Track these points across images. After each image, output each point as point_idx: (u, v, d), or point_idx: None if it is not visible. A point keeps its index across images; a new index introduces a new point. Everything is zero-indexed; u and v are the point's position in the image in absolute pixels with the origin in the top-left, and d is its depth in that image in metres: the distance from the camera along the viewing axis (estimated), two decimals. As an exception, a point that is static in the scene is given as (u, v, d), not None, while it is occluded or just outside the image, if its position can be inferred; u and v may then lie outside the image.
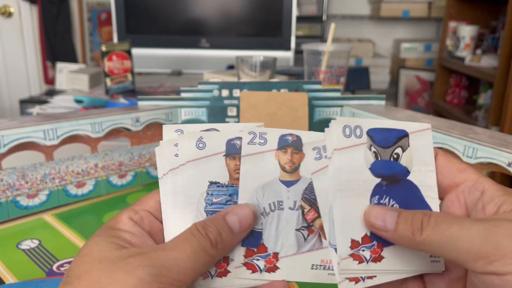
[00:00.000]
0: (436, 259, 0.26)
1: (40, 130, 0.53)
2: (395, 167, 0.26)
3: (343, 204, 0.25)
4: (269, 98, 0.57)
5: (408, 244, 0.24)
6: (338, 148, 0.25)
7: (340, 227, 0.25)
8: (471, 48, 2.01)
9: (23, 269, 0.43)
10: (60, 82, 1.48)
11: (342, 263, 0.25)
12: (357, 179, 0.25)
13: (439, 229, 0.22)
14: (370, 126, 0.26)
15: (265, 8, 1.56)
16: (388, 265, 0.25)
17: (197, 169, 0.27)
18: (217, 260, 0.25)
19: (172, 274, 0.22)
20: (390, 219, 0.24)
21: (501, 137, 0.46)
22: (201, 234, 0.24)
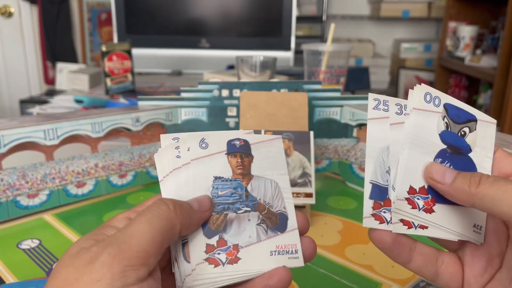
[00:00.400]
0: (477, 230, 0.28)
1: (40, 130, 0.53)
2: (461, 141, 0.29)
3: (411, 154, 0.28)
4: (269, 98, 0.57)
5: (462, 196, 0.25)
6: (417, 108, 0.28)
7: (403, 173, 0.27)
8: (471, 48, 2.01)
9: (23, 269, 0.44)
10: (60, 82, 1.48)
11: (397, 202, 0.27)
12: (427, 138, 0.28)
13: (496, 184, 0.24)
14: (448, 101, 0.29)
15: (265, 8, 1.56)
16: (436, 219, 0.27)
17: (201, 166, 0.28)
18: (180, 230, 0.25)
19: (131, 248, 0.22)
20: (449, 174, 0.26)
21: (501, 137, 0.46)
22: (156, 203, 0.24)
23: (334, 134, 0.66)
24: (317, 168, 0.67)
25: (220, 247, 0.27)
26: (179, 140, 0.29)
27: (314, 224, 0.53)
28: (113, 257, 0.21)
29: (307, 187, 0.51)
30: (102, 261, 0.21)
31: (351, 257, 0.46)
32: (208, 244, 0.27)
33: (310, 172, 0.52)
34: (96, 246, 0.22)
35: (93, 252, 0.22)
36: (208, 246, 0.27)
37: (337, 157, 0.67)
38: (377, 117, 0.28)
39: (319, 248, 0.48)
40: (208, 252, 0.27)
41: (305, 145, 0.53)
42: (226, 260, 0.27)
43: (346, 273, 0.43)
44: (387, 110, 0.28)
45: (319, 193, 0.62)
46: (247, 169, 0.29)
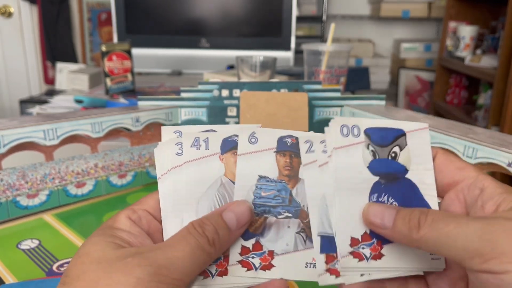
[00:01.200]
0: (436, 257, 0.26)
1: (40, 130, 0.53)
2: (393, 165, 0.26)
3: (342, 202, 0.25)
4: (269, 98, 0.57)
5: (405, 241, 0.24)
6: (337, 147, 0.26)
7: (339, 225, 0.25)
8: (471, 48, 2.01)
9: (23, 269, 0.43)
10: (60, 82, 1.48)
11: (342, 260, 0.25)
12: (356, 177, 0.26)
13: (436, 227, 0.22)
14: (368, 126, 0.27)
15: (265, 8, 1.56)
16: (388, 263, 0.25)
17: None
18: (214, 258, 0.25)
19: (170, 273, 0.22)
20: (389, 216, 0.24)
21: (501, 137, 0.46)
22: (198, 232, 0.24)
23: (334, 134, 0.66)
24: (317, 168, 0.67)
25: (255, 251, 0.26)
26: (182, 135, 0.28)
27: (314, 224, 0.53)
28: (150, 276, 0.21)
29: (307, 187, 0.51)
30: (139, 277, 0.21)
31: (351, 257, 0.46)
32: (244, 246, 0.26)
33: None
34: (131, 258, 0.22)
35: (128, 262, 0.22)
36: (244, 248, 0.26)
37: (337, 157, 0.67)
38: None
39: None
40: (242, 255, 0.26)
41: (305, 145, 0.53)
42: (259, 265, 0.26)
43: (346, 273, 0.43)
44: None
45: (319, 193, 0.61)
46: (295, 171, 0.27)
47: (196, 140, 0.27)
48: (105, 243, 0.23)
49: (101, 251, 0.23)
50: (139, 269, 0.22)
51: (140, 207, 0.27)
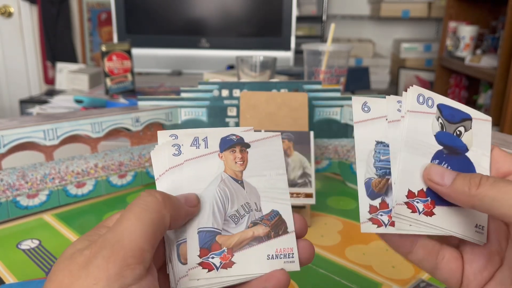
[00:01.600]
0: (480, 230, 0.27)
1: (40, 130, 0.53)
2: (457, 141, 0.28)
3: (407, 157, 0.27)
4: (269, 98, 0.57)
5: (462, 198, 0.25)
6: (411, 110, 0.28)
7: (401, 177, 0.27)
8: (471, 48, 2.01)
9: (23, 269, 0.43)
10: (60, 82, 1.48)
11: (397, 207, 0.27)
12: (423, 141, 0.28)
13: (496, 185, 0.23)
14: (441, 101, 0.29)
15: (265, 8, 1.56)
16: (437, 222, 0.27)
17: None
18: (169, 220, 0.24)
19: (124, 247, 0.21)
20: (449, 176, 0.26)
21: (501, 137, 0.46)
22: (144, 196, 0.24)
23: (334, 134, 0.66)
24: (317, 168, 0.67)
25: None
26: (177, 138, 0.28)
27: (314, 224, 0.53)
28: (107, 259, 0.21)
29: (307, 188, 0.51)
30: (97, 265, 0.21)
31: (351, 257, 0.46)
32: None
33: (310, 172, 0.52)
34: (88, 248, 0.22)
35: (86, 255, 0.21)
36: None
37: (337, 157, 0.67)
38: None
39: (319, 248, 0.48)
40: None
41: (305, 145, 0.53)
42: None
43: (346, 273, 0.43)
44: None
45: (319, 193, 0.62)
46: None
47: (196, 139, 0.28)
48: (81, 241, 0.23)
49: (72, 249, 0.22)
50: (95, 257, 0.21)
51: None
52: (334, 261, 0.46)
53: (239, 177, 0.28)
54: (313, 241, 0.49)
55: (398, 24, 2.65)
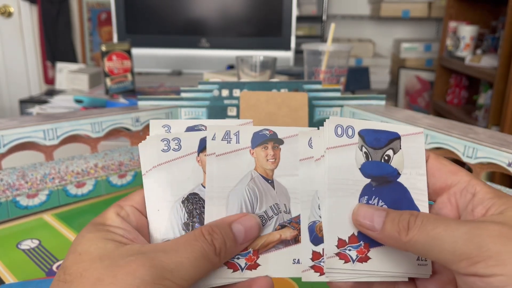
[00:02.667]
0: (423, 262, 0.26)
1: (40, 130, 0.53)
2: (386, 168, 0.26)
3: (332, 203, 0.25)
4: (269, 98, 0.57)
5: (394, 244, 0.24)
6: (330, 147, 0.26)
7: (327, 226, 0.25)
8: (471, 48, 2.01)
9: (23, 269, 0.43)
10: (60, 82, 1.48)
11: (328, 261, 0.25)
12: (348, 178, 0.26)
13: (425, 230, 0.22)
14: (362, 127, 0.26)
15: (265, 8, 1.56)
16: (374, 266, 0.25)
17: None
18: (216, 268, 0.25)
19: (173, 278, 0.22)
20: (378, 218, 0.24)
21: (501, 137, 0.46)
22: (206, 240, 0.24)
23: (334, 134, 0.66)
24: (317, 168, 0.67)
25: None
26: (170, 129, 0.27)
27: (314, 224, 0.53)
28: (153, 279, 0.21)
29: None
30: (144, 279, 0.21)
31: (351, 257, 0.46)
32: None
33: (310, 172, 0.52)
34: (134, 257, 0.22)
35: (131, 262, 0.22)
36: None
37: (337, 157, 0.67)
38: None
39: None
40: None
41: (305, 145, 0.53)
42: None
43: (346, 273, 0.43)
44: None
45: (319, 193, 0.61)
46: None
47: (227, 133, 0.27)
48: (104, 240, 0.23)
49: (102, 248, 0.23)
50: (143, 270, 0.22)
51: (127, 203, 0.27)
52: (334, 261, 0.46)
53: (269, 176, 0.27)
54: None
55: (398, 24, 2.65)
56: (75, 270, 0.22)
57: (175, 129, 0.28)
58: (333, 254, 0.25)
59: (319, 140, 0.27)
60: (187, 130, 0.28)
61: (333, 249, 0.25)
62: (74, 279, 0.22)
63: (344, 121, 0.26)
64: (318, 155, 0.26)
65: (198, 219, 0.27)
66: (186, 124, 0.28)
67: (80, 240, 0.24)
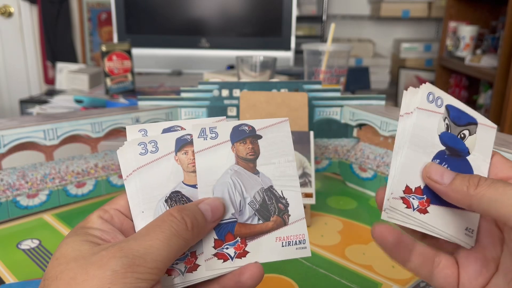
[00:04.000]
0: (469, 233, 0.28)
1: (40, 130, 0.53)
2: (460, 144, 0.29)
3: (409, 154, 0.27)
4: (269, 98, 0.57)
5: (459, 197, 0.25)
6: (420, 107, 0.28)
7: (400, 171, 0.27)
8: (471, 48, 2.01)
9: (23, 269, 0.43)
10: (60, 82, 1.48)
11: (392, 201, 0.27)
12: (427, 139, 0.28)
13: (494, 186, 0.24)
14: (450, 102, 0.29)
15: (265, 8, 1.56)
16: (429, 220, 0.27)
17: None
18: (191, 245, 0.25)
19: (146, 263, 0.22)
20: (448, 175, 0.26)
21: (501, 137, 0.46)
22: (176, 218, 0.24)
23: (334, 134, 0.66)
24: (317, 168, 0.67)
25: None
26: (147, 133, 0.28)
27: (314, 224, 0.53)
28: (126, 267, 0.22)
29: (307, 187, 0.51)
30: (115, 270, 0.21)
31: (351, 257, 0.46)
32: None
33: (310, 172, 0.52)
34: (105, 250, 0.22)
35: (102, 256, 0.22)
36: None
37: (337, 157, 0.67)
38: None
39: (319, 248, 0.48)
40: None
41: (305, 145, 0.53)
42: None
43: (346, 273, 0.43)
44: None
45: (319, 193, 0.62)
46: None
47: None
48: (80, 242, 0.24)
49: (77, 250, 0.23)
50: (114, 261, 0.22)
51: (112, 207, 0.28)
52: (334, 261, 0.46)
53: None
54: (313, 241, 0.49)
55: (398, 24, 2.65)
56: (52, 274, 0.22)
57: (152, 132, 0.28)
58: (398, 196, 0.27)
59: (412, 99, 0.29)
60: (163, 132, 0.29)
61: (399, 192, 0.27)
62: (51, 283, 0.22)
63: (436, 91, 0.29)
64: (409, 110, 0.29)
65: None
66: (162, 127, 0.29)
67: (59, 246, 0.24)
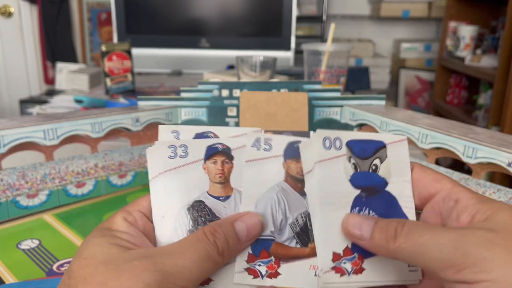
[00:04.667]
0: (413, 269, 0.26)
1: (40, 130, 0.53)
2: (374, 178, 0.27)
3: (325, 217, 0.25)
4: (269, 98, 0.57)
5: (383, 252, 0.24)
6: (319, 160, 0.26)
7: (322, 241, 0.25)
8: (471, 48, 2.01)
9: (23, 269, 0.43)
10: (60, 82, 1.48)
11: (324, 276, 0.25)
12: (338, 190, 0.26)
13: (412, 237, 0.23)
14: (349, 138, 0.27)
15: (265, 8, 1.56)
16: (368, 277, 0.26)
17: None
18: (220, 267, 0.25)
19: (177, 281, 0.22)
20: (367, 227, 0.25)
21: (501, 137, 0.46)
22: (209, 240, 0.24)
23: (334, 134, 0.66)
24: (317, 168, 0.67)
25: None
26: (179, 135, 0.27)
27: (314, 224, 0.53)
28: (157, 283, 0.22)
29: (307, 187, 0.51)
30: (147, 283, 0.21)
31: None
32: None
33: (310, 172, 0.52)
34: (138, 261, 0.22)
35: (136, 267, 0.22)
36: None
37: (337, 157, 0.67)
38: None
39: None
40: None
41: (305, 145, 0.53)
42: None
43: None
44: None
45: (319, 193, 0.61)
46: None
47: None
48: (109, 245, 0.23)
49: (107, 253, 0.23)
50: (147, 274, 0.22)
51: (135, 209, 0.27)
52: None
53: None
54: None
55: (398, 24, 2.65)
56: (80, 274, 0.22)
57: (184, 135, 0.28)
58: (329, 268, 0.25)
59: (308, 152, 0.27)
60: (196, 137, 0.28)
61: (328, 263, 0.25)
62: (78, 283, 0.22)
63: (331, 133, 0.27)
64: (309, 168, 0.26)
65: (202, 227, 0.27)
66: (195, 131, 0.28)
67: (86, 245, 0.24)
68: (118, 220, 0.26)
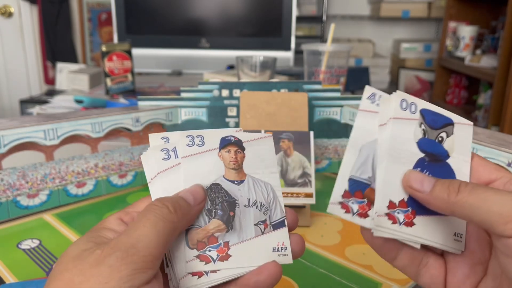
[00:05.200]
0: (458, 238, 0.27)
1: (41, 130, 0.53)
2: (439, 148, 0.28)
3: (389, 167, 0.27)
4: (269, 98, 0.57)
5: (441, 204, 0.25)
6: (394, 117, 0.28)
7: (382, 187, 0.27)
8: (471, 48, 2.01)
9: (23, 269, 0.44)
10: (60, 82, 1.48)
11: (378, 219, 0.26)
12: (405, 149, 0.28)
13: (475, 192, 0.23)
14: (424, 106, 0.29)
15: (265, 8, 1.56)
16: (417, 232, 0.27)
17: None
18: (180, 228, 0.26)
19: (138, 251, 0.22)
20: (428, 182, 0.26)
21: (501, 137, 0.46)
22: (158, 206, 0.25)
23: (334, 134, 0.66)
24: (317, 168, 0.67)
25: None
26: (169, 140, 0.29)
27: (314, 224, 0.53)
28: (120, 260, 0.22)
29: (307, 187, 0.51)
30: (110, 265, 0.22)
31: (351, 257, 0.46)
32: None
33: (310, 172, 0.52)
34: (100, 249, 0.23)
35: (98, 254, 0.22)
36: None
37: (337, 157, 0.67)
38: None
39: (319, 248, 0.48)
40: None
41: (305, 145, 0.53)
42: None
43: (346, 273, 0.43)
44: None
45: (319, 193, 0.62)
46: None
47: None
48: (84, 242, 0.24)
49: (79, 249, 0.23)
50: (108, 258, 0.22)
51: (134, 210, 0.28)
52: (334, 261, 0.46)
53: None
54: (313, 241, 0.49)
55: (398, 24, 2.65)
56: (53, 272, 0.23)
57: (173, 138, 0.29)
58: (383, 213, 0.27)
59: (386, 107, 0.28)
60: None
61: (383, 209, 0.27)
62: (50, 281, 0.22)
63: (409, 97, 0.28)
64: (383, 122, 0.28)
65: (220, 206, 0.28)
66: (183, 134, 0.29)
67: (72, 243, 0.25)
68: (112, 219, 0.27)
